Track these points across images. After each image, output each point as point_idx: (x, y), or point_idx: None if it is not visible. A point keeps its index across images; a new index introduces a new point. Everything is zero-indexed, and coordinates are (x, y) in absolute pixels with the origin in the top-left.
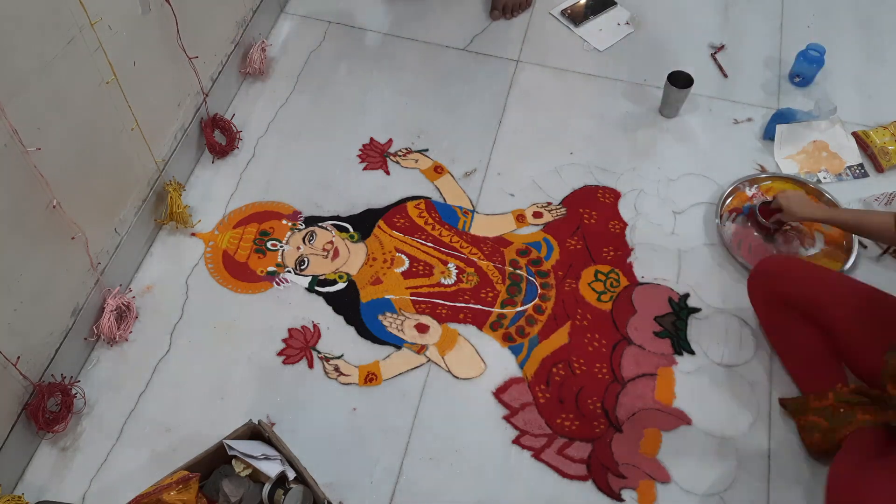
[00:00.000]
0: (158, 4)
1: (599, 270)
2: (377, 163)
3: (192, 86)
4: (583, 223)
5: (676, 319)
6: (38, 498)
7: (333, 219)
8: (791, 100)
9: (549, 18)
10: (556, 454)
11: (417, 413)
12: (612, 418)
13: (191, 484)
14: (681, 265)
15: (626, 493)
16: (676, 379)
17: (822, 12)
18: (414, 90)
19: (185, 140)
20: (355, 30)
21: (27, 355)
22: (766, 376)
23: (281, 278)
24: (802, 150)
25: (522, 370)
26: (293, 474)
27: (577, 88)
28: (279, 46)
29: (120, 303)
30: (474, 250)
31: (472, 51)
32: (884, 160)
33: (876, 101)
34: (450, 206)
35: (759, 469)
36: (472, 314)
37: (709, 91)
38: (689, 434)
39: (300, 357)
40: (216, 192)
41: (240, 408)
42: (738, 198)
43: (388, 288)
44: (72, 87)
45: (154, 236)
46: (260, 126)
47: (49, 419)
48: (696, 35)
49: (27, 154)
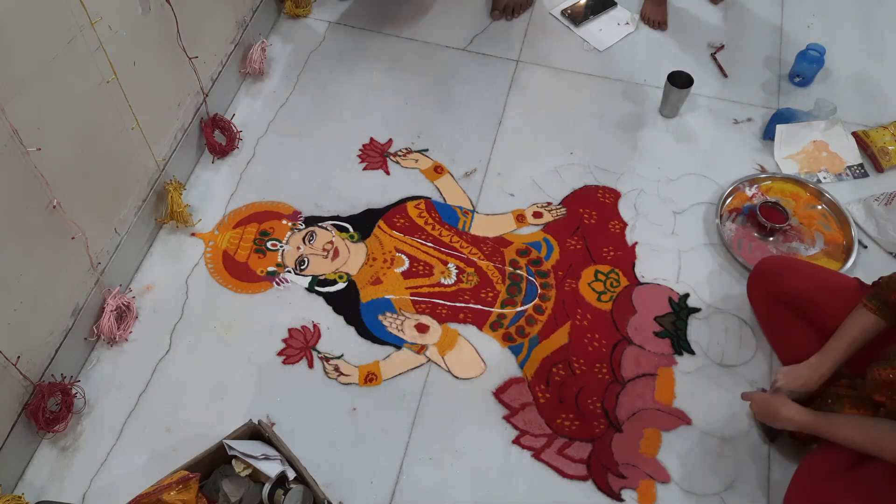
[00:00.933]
0: (158, 4)
1: (599, 270)
2: (377, 163)
3: (192, 86)
4: (583, 223)
5: (676, 319)
6: (38, 498)
7: (333, 219)
8: (791, 100)
9: (549, 18)
10: (556, 454)
11: (417, 413)
12: (612, 418)
13: (191, 484)
14: (681, 265)
15: (626, 493)
16: (676, 379)
17: (822, 12)
18: (414, 90)
19: (185, 140)
20: (355, 30)
21: (27, 355)
22: (766, 376)
23: (281, 278)
24: (802, 150)
25: (522, 370)
26: (293, 474)
27: (577, 88)
28: (279, 46)
29: (120, 303)
30: (474, 250)
31: (472, 51)
32: (884, 160)
33: (876, 101)
34: (450, 206)
35: (759, 469)
36: (472, 314)
37: (709, 91)
38: (689, 434)
39: (300, 357)
40: (216, 192)
41: (240, 408)
42: (738, 198)
43: (388, 288)
44: (72, 87)
45: (154, 236)
46: (260, 126)
47: (49, 419)
48: (696, 35)
49: (27, 154)
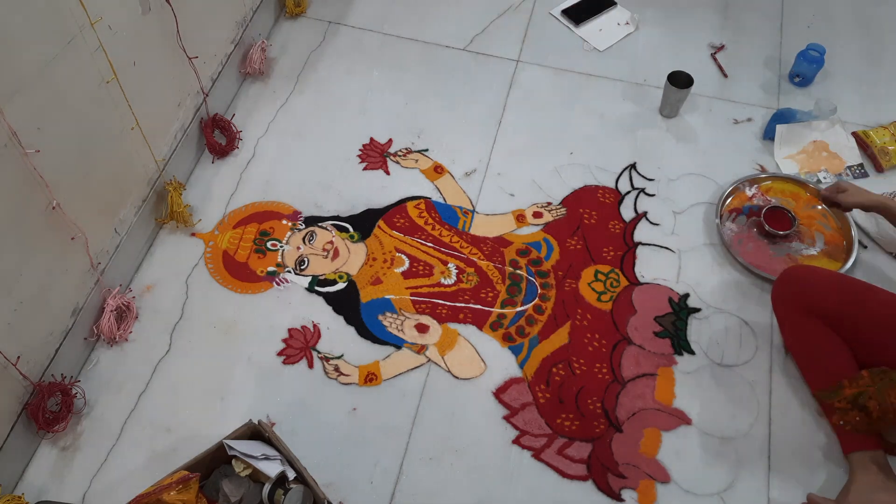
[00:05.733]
0: (158, 4)
1: (599, 270)
2: (377, 163)
3: (192, 86)
4: (583, 223)
5: (676, 319)
6: (38, 498)
7: (333, 219)
8: (791, 100)
9: (549, 18)
10: (556, 454)
11: (417, 413)
12: (612, 418)
13: (191, 484)
14: (681, 265)
15: (626, 493)
16: (676, 379)
17: (822, 12)
18: (414, 90)
19: (185, 140)
20: (355, 30)
21: (27, 355)
22: (766, 376)
23: (281, 278)
24: (802, 150)
25: (522, 370)
26: (293, 474)
27: (577, 88)
28: (279, 46)
29: (120, 303)
30: (474, 250)
31: (472, 51)
32: (884, 160)
33: (876, 101)
34: (450, 206)
35: (759, 469)
36: (472, 314)
37: (709, 91)
38: (689, 434)
39: (300, 357)
40: (216, 192)
41: (240, 408)
42: (738, 198)
43: (388, 288)
44: (72, 87)
45: (154, 236)
46: (260, 126)
47: (49, 419)
48: (696, 35)
49: (27, 155)
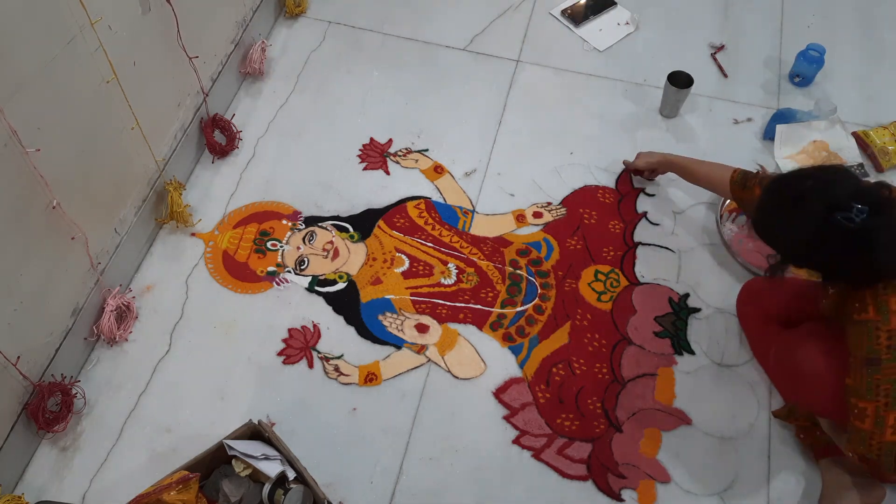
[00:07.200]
0: (158, 4)
1: (599, 270)
2: (377, 163)
3: (192, 86)
4: (583, 223)
5: (676, 319)
6: (38, 498)
7: (333, 219)
8: (791, 100)
9: (549, 18)
10: (556, 454)
11: (417, 413)
12: (612, 418)
13: (191, 484)
14: (681, 265)
15: (626, 493)
16: (676, 379)
17: (822, 12)
18: (414, 90)
19: (185, 140)
20: (355, 30)
21: (27, 355)
22: (765, 376)
23: (281, 278)
24: (802, 150)
25: (522, 370)
26: (293, 474)
27: (577, 88)
28: (279, 46)
29: (120, 303)
30: (474, 250)
31: (472, 51)
32: (884, 160)
33: (876, 101)
34: (450, 206)
35: (759, 469)
36: (472, 314)
37: (709, 91)
38: (689, 434)
39: (300, 357)
40: (216, 192)
41: (240, 408)
42: None
43: (388, 288)
44: (72, 87)
45: (154, 236)
46: (260, 126)
47: (49, 419)
48: (696, 35)
49: (27, 155)
